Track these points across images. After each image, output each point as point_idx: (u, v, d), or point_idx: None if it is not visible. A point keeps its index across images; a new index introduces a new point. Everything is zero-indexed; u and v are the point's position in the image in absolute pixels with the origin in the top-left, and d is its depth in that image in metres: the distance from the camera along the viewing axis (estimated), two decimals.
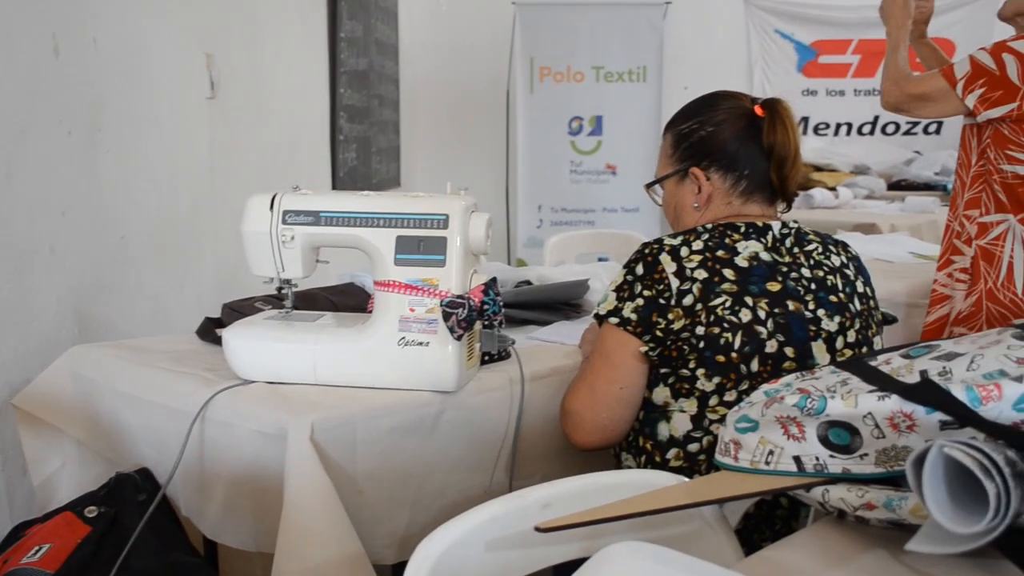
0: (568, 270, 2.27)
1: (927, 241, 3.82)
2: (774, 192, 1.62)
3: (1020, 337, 1.06)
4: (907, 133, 6.37)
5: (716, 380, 1.47)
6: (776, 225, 1.58)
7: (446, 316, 1.49)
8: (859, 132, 6.43)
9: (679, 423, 1.51)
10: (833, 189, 5.02)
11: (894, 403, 0.99)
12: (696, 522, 1.15)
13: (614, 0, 5.91)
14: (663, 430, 1.53)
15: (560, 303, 2.06)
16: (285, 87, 3.65)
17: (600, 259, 3.46)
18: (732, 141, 1.60)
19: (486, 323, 1.58)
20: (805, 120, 6.47)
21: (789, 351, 1.48)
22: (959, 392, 0.96)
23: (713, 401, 1.48)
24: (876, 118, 6.41)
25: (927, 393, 0.96)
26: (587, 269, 2.26)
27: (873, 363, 1.12)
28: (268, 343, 1.56)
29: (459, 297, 1.50)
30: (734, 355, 1.46)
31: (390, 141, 5.61)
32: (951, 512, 0.83)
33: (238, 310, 1.77)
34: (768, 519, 1.49)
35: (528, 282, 2.17)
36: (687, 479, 1.15)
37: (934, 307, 2.45)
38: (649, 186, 1.73)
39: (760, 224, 1.57)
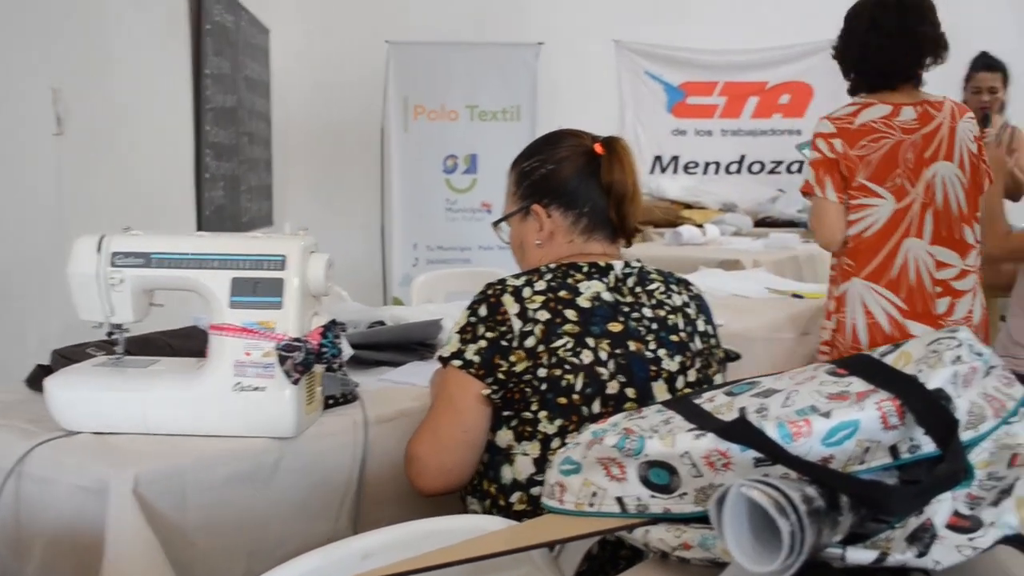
0: (422, 310, 2.25)
1: (788, 277, 3.94)
2: (615, 229, 1.64)
3: (833, 373, 1.08)
4: (772, 172, 6.60)
5: (558, 422, 1.47)
6: (618, 264, 1.60)
7: (282, 360, 1.45)
8: (727, 171, 6.63)
9: (522, 466, 1.50)
10: (701, 226, 5.15)
11: (710, 441, 0.99)
12: (525, 567, 1.13)
13: (487, 40, 5.98)
14: (507, 473, 1.51)
15: (414, 343, 2.03)
16: (144, 123, 3.55)
17: None
18: (572, 179, 1.62)
19: (327, 366, 1.54)
20: (675, 159, 6.65)
21: (630, 392, 1.48)
22: (771, 429, 0.97)
23: (555, 444, 1.47)
24: (742, 157, 6.62)
25: (739, 432, 0.97)
26: (441, 309, 2.24)
27: (698, 401, 1.13)
28: (94, 391, 1.49)
29: (296, 340, 1.46)
30: (576, 397, 1.46)
31: (261, 179, 5.52)
32: (752, 551, 0.84)
33: (68, 356, 1.69)
34: (612, 560, 1.48)
35: (381, 322, 2.14)
36: (515, 523, 1.13)
37: None
38: (495, 224, 1.73)
39: (603, 264, 1.59)
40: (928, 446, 0.98)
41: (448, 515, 1.47)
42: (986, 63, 4.13)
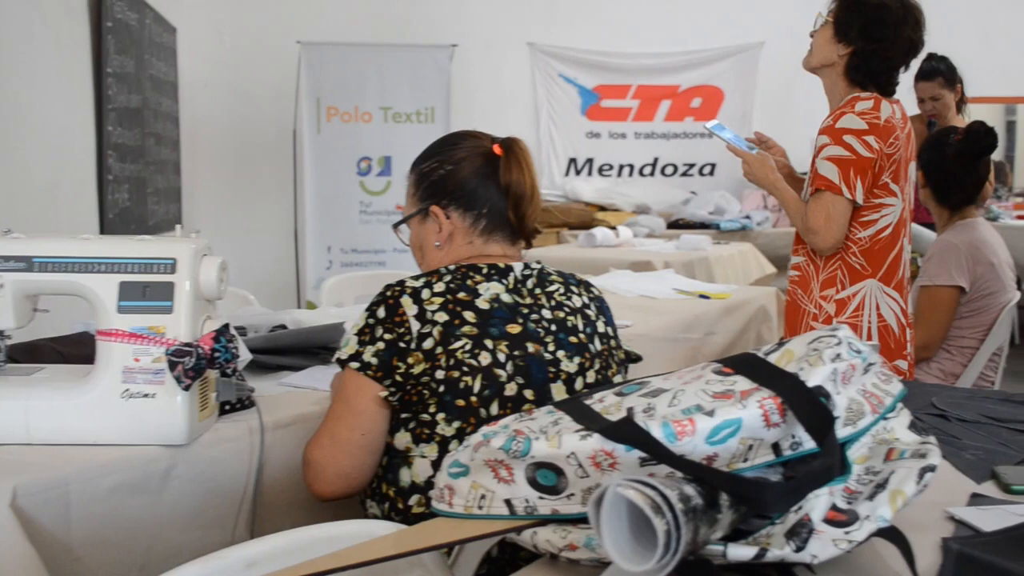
0: (324, 313, 2.22)
1: (700, 278, 4.00)
2: (514, 230, 1.64)
3: (719, 372, 1.09)
4: (684, 174, 6.71)
5: (456, 424, 1.46)
6: (518, 266, 1.60)
7: (172, 365, 1.41)
8: (640, 173, 6.72)
9: (420, 469, 1.48)
10: (614, 228, 5.20)
11: (595, 442, 0.99)
12: (416, 571, 1.12)
13: (400, 41, 5.95)
14: (405, 476, 1.50)
15: (316, 347, 2.00)
16: (40, 123, 3.44)
17: None
18: (471, 179, 1.61)
19: (221, 371, 1.51)
20: (590, 161, 6.71)
21: (528, 393, 1.48)
22: (656, 428, 0.98)
23: (453, 446, 1.46)
24: (656, 159, 6.71)
25: (623, 431, 0.97)
26: (344, 312, 2.22)
27: (588, 402, 1.13)
28: None
29: (187, 345, 1.43)
30: (474, 399, 1.46)
31: (169, 181, 5.40)
32: (630, 551, 0.84)
33: None
34: (512, 562, 1.48)
35: (283, 326, 2.11)
36: (404, 527, 1.12)
37: None
38: (395, 227, 1.72)
39: (502, 265, 1.58)
40: (809, 443, 1.00)
41: (346, 520, 1.45)
42: (921, 73, 4.05)
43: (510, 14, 6.42)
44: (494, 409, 1.46)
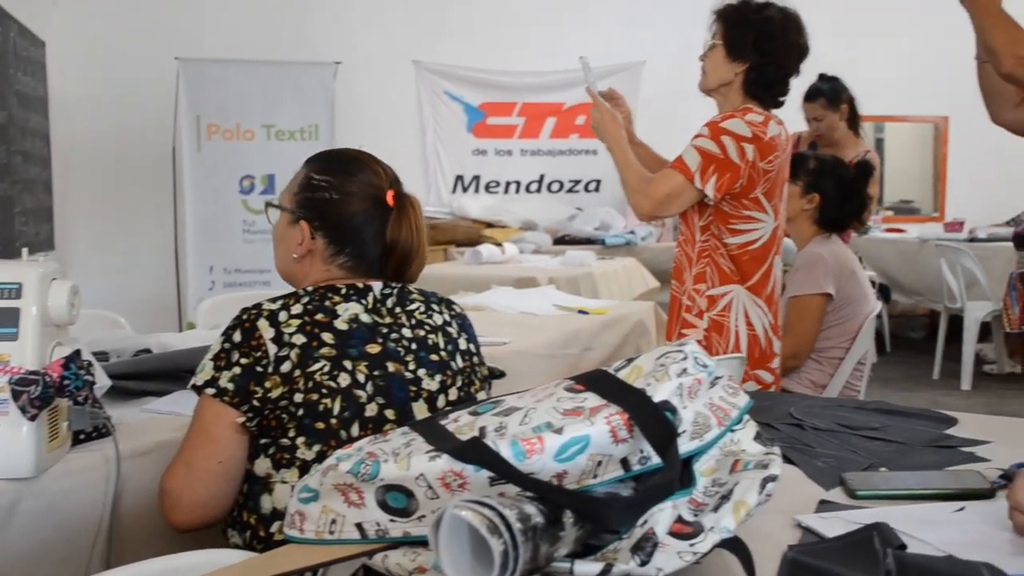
0: (191, 336, 2.16)
1: (584, 293, 4.05)
2: (383, 274, 1.62)
3: (570, 389, 1.10)
4: (570, 191, 6.79)
5: (317, 448, 1.44)
6: (377, 286, 1.58)
7: (16, 395, 1.35)
8: (527, 190, 6.78)
9: (282, 495, 1.45)
10: (500, 245, 5.22)
11: (445, 463, 0.99)
12: None
13: (283, 58, 5.87)
14: (266, 503, 1.46)
15: (182, 371, 1.94)
16: None
17: None
18: (352, 218, 1.59)
19: (73, 399, 1.45)
20: (477, 178, 6.73)
21: (390, 413, 1.47)
22: (505, 448, 0.98)
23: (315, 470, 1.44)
24: (542, 176, 6.78)
25: (471, 452, 0.97)
26: (212, 335, 2.16)
27: (443, 422, 1.13)
28: None
29: (32, 373, 1.37)
30: (334, 421, 1.44)
31: (40, 201, 5.20)
32: (470, 572, 0.84)
33: None
34: None
35: (148, 350, 2.05)
36: (252, 555, 1.10)
37: None
38: (268, 205, 1.68)
39: (361, 285, 1.57)
40: (657, 457, 1.01)
41: (200, 550, 1.41)
42: (807, 93, 4.10)
43: (394, 31, 6.40)
44: (355, 431, 1.44)
